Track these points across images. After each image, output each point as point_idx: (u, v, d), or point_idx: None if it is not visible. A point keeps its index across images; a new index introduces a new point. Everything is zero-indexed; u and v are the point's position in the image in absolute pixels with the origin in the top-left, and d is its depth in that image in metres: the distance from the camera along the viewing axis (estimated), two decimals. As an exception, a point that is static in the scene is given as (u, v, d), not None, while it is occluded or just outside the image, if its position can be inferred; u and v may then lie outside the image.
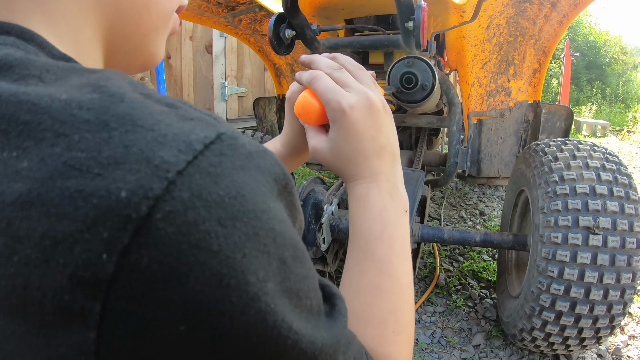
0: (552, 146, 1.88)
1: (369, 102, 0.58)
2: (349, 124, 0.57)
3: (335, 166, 0.61)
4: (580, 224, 1.59)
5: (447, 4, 1.84)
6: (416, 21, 1.31)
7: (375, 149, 0.59)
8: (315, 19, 2.10)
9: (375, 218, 0.58)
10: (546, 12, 2.24)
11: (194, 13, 2.22)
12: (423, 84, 1.51)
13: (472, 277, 2.64)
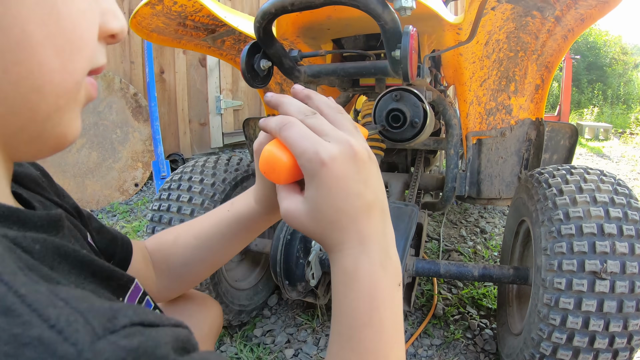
0: (556, 177, 1.69)
1: (352, 151, 0.51)
2: (331, 179, 0.50)
3: (316, 232, 0.54)
4: (587, 269, 1.42)
5: (441, 22, 1.65)
6: (403, 51, 1.12)
7: (363, 207, 0.52)
8: (300, 40, 1.91)
9: (363, 298, 0.51)
10: (549, 26, 2.03)
11: (171, 38, 2.03)
12: (413, 120, 1.31)
13: (472, 305, 2.44)
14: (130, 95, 4.33)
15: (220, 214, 0.84)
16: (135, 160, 4.35)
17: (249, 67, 1.33)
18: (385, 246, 0.54)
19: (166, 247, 0.86)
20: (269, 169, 0.54)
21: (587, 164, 6.58)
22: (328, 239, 0.53)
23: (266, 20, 1.19)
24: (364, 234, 0.52)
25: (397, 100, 1.31)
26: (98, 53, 0.46)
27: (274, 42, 1.31)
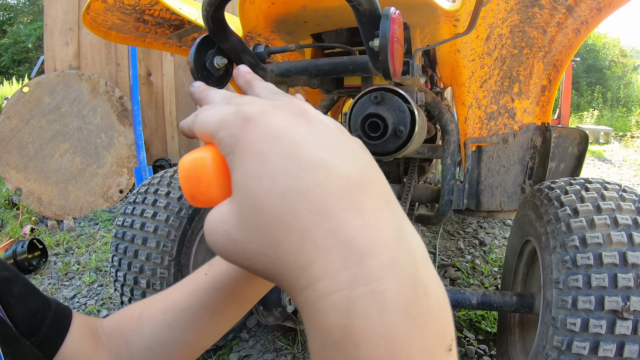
0: (570, 193, 1.42)
1: (300, 107, 0.31)
2: (264, 137, 0.28)
3: (255, 253, 0.28)
4: (606, 307, 1.16)
5: (435, 10, 1.38)
6: (382, 39, 0.84)
7: (340, 186, 0.27)
8: (276, 36, 1.64)
9: None
10: (560, 18, 1.75)
11: (133, 36, 1.75)
12: (397, 129, 1.02)
13: (469, 328, 2.17)
14: (116, 98, 4.07)
15: (196, 279, 0.61)
16: (120, 165, 4.08)
17: (199, 66, 1.06)
18: (412, 269, 0.26)
19: (127, 325, 0.64)
20: (192, 184, 0.34)
21: (589, 169, 6.33)
22: (281, 266, 0.27)
23: (213, 6, 0.93)
24: (357, 244, 0.25)
25: (377, 102, 1.03)
26: None
27: (228, 35, 1.04)
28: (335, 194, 0.27)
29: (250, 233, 0.28)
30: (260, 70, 1.17)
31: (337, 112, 2.43)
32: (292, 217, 0.27)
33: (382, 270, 0.25)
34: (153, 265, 1.73)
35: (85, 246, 3.35)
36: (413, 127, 1.02)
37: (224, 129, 0.31)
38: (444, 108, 1.82)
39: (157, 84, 4.54)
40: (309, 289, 0.26)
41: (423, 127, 1.24)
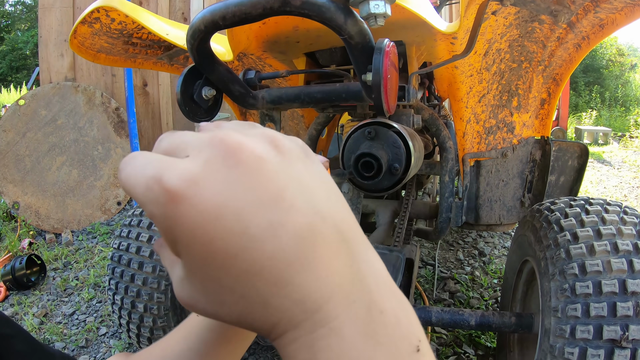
0: (570, 216, 1.38)
1: (226, 149, 0.27)
2: (203, 222, 0.26)
3: (230, 319, 0.29)
4: (605, 336, 1.13)
5: (431, 29, 1.34)
6: (374, 75, 0.80)
7: (291, 248, 0.27)
8: (269, 55, 1.60)
9: None
10: (560, 33, 1.71)
11: (122, 58, 1.70)
12: (391, 166, 0.98)
13: (469, 343, 2.13)
14: (112, 109, 4.03)
15: (189, 322, 0.58)
16: (117, 177, 4.04)
17: (186, 98, 1.02)
18: (366, 297, 0.29)
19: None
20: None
21: (588, 172, 6.28)
22: (254, 327, 0.29)
23: (197, 39, 0.88)
24: (312, 297, 0.28)
25: (372, 138, 0.98)
26: None
27: (215, 65, 1.00)
28: (286, 261, 0.27)
29: (220, 309, 0.29)
30: (250, 98, 1.12)
31: (334, 127, 2.38)
32: (251, 292, 0.28)
33: (336, 309, 0.28)
34: (150, 290, 1.70)
35: (84, 261, 3.30)
36: (409, 163, 0.97)
37: (152, 204, 0.27)
38: (441, 125, 1.77)
39: (153, 94, 4.50)
40: (279, 339, 0.29)
41: (420, 158, 1.19)
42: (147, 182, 0.27)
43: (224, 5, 0.79)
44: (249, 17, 0.78)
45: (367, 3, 0.72)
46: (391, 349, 0.28)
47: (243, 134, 0.30)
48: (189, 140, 0.30)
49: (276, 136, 0.31)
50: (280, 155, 0.30)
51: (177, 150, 0.30)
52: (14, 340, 0.59)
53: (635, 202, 4.74)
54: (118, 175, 0.31)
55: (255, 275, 0.27)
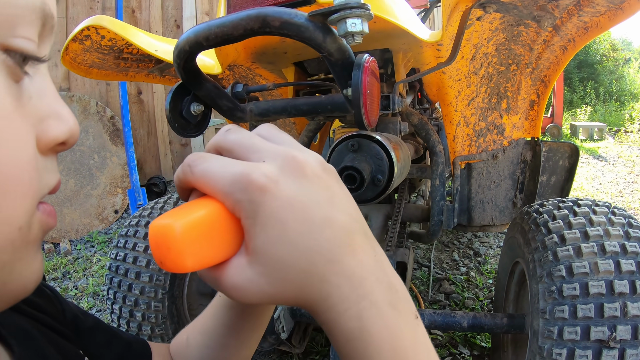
0: (557, 219, 1.40)
1: (297, 164, 0.37)
2: (281, 209, 0.35)
3: (288, 298, 0.37)
4: (592, 337, 1.15)
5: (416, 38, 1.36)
6: (354, 91, 0.82)
7: (340, 237, 0.37)
8: (258, 65, 1.61)
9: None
10: (546, 36, 1.73)
11: (114, 72, 1.72)
12: (374, 177, 1.00)
13: (464, 344, 2.15)
14: (107, 118, 4.05)
15: (215, 301, 0.68)
16: (114, 186, 4.06)
17: (175, 115, 1.04)
18: (386, 279, 0.39)
19: (181, 349, 0.71)
20: (162, 252, 0.34)
21: (584, 168, 6.30)
22: (308, 301, 0.37)
23: (183, 59, 0.90)
24: (356, 275, 0.37)
25: (355, 150, 1.00)
26: (45, 173, 0.36)
27: (203, 82, 1.01)
28: (338, 244, 0.36)
29: (281, 286, 0.36)
30: (238, 112, 1.14)
31: (326, 133, 2.40)
32: (312, 268, 0.36)
33: (372, 286, 0.37)
34: (147, 299, 1.72)
35: (82, 270, 3.32)
36: (392, 174, 0.99)
37: (240, 192, 0.35)
38: (431, 129, 1.79)
39: (148, 102, 4.52)
40: (329, 311, 0.37)
41: (405, 167, 1.21)
42: (234, 177, 0.35)
43: (207, 27, 0.81)
44: (230, 37, 0.80)
45: (344, 22, 0.74)
46: (406, 316, 0.39)
47: (306, 153, 0.39)
48: (264, 148, 0.38)
49: (323, 160, 0.40)
50: (326, 173, 0.39)
51: (248, 152, 0.38)
52: (95, 332, 0.62)
53: (630, 197, 4.76)
54: (188, 170, 0.37)
55: (317, 253, 0.36)
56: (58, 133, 0.37)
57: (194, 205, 0.36)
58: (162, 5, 4.65)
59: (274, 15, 0.75)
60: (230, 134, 0.40)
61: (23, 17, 0.33)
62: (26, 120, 0.33)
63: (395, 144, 1.13)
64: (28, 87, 0.34)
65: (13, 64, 0.32)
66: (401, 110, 1.72)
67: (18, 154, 0.32)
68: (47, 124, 0.36)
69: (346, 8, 0.73)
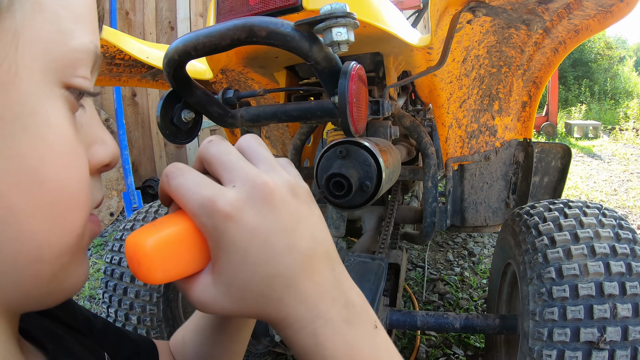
0: (548, 221, 1.40)
1: (264, 191, 0.39)
2: (243, 236, 0.38)
3: (249, 313, 0.42)
4: (582, 339, 1.15)
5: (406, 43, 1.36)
6: (340, 99, 0.82)
7: (299, 263, 0.40)
8: (250, 70, 1.62)
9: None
10: (537, 38, 1.74)
11: (108, 77, 1.73)
12: (362, 183, 1.01)
13: (458, 344, 2.16)
14: (102, 121, 4.04)
15: (197, 313, 0.74)
16: (109, 188, 4.06)
17: (166, 122, 1.04)
18: (343, 297, 0.43)
19: (179, 348, 0.75)
20: (134, 266, 0.38)
21: (579, 166, 6.32)
22: (268, 318, 0.42)
23: (172, 67, 0.91)
24: (312, 298, 0.41)
25: (343, 157, 1.01)
26: (94, 190, 0.41)
27: (193, 89, 1.02)
28: (296, 271, 0.40)
29: (242, 305, 0.40)
30: (229, 118, 1.15)
31: (319, 134, 2.41)
32: (271, 292, 0.40)
33: (327, 306, 0.41)
34: (142, 302, 1.73)
35: (77, 272, 3.31)
36: (380, 179, 1.00)
37: (206, 218, 0.38)
38: (422, 132, 1.80)
39: (142, 104, 4.51)
40: (287, 329, 0.42)
41: (394, 172, 1.22)
42: (202, 200, 0.38)
43: (195, 37, 0.82)
44: (218, 47, 0.80)
45: (329, 31, 0.74)
46: (363, 328, 0.43)
47: (277, 178, 0.41)
48: (238, 168, 0.40)
49: (296, 185, 0.43)
50: (296, 199, 0.42)
51: (223, 170, 0.41)
52: (105, 333, 0.64)
53: (625, 195, 4.78)
54: (166, 182, 0.41)
55: (276, 278, 0.39)
56: (104, 156, 0.42)
57: (167, 221, 0.40)
58: (156, 7, 4.65)
59: (261, 25, 0.75)
60: (210, 146, 0.42)
61: (82, 59, 0.38)
62: (82, 146, 0.39)
63: (384, 150, 1.13)
64: (81, 117, 0.40)
65: (73, 98, 0.37)
66: (393, 113, 1.73)
67: (79, 174, 0.38)
68: (95, 148, 0.41)
69: (331, 17, 0.73)
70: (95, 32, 0.41)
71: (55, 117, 0.35)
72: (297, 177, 0.44)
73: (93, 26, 0.41)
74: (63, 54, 0.36)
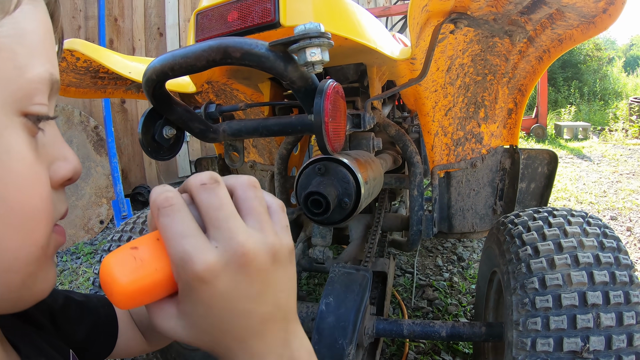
0: (532, 230, 1.41)
1: (243, 260, 0.41)
2: (211, 298, 0.41)
3: (204, 348, 0.45)
4: (565, 348, 1.15)
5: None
6: (316, 117, 0.82)
7: (254, 326, 0.44)
8: (234, 81, 1.62)
9: None
10: (521, 47, 1.74)
11: (92, 90, 1.73)
12: (342, 200, 1.01)
13: (447, 350, 2.16)
14: (91, 128, 4.02)
15: None
16: (99, 196, 4.04)
17: (148, 139, 1.04)
18: (288, 353, 0.47)
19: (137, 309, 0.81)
20: (107, 290, 0.41)
21: (568, 168, 6.34)
22: (216, 354, 0.46)
23: (151, 86, 0.91)
24: (258, 354, 0.45)
25: (322, 174, 1.01)
26: (57, 204, 0.45)
27: (174, 106, 1.02)
28: (250, 332, 0.44)
29: (198, 341, 0.44)
30: (211, 133, 1.14)
31: (306, 143, 2.41)
32: (223, 341, 0.44)
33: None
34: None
35: (69, 282, 3.30)
36: (358, 197, 1.00)
37: (182, 272, 0.40)
38: (408, 140, 1.80)
39: (131, 110, 4.50)
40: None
41: (376, 186, 1.22)
42: (183, 255, 0.39)
43: (172, 57, 0.82)
44: (194, 68, 0.80)
45: (303, 52, 0.74)
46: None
47: (260, 245, 0.42)
48: (225, 228, 0.41)
49: (279, 248, 0.44)
50: (274, 265, 0.44)
51: (210, 223, 0.42)
52: (67, 310, 0.68)
53: (614, 197, 4.79)
54: (156, 213, 0.42)
55: (230, 334, 0.43)
56: (65, 172, 0.46)
57: (145, 253, 0.42)
58: (144, 14, 4.64)
59: (235, 46, 0.75)
60: (202, 193, 0.43)
61: (39, 88, 0.42)
62: (42, 165, 0.43)
63: (364, 164, 1.13)
64: (42, 138, 0.44)
65: (31, 124, 0.41)
66: (377, 122, 1.73)
67: (40, 192, 0.42)
68: (57, 165, 0.46)
69: (305, 38, 0.73)
70: (51, 59, 0.45)
71: (15, 143, 0.39)
72: (283, 235, 0.46)
73: (48, 55, 0.44)
74: (20, 87, 0.40)
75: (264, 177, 2.30)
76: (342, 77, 1.59)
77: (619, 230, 3.74)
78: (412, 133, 2.70)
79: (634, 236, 3.56)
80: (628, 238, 3.53)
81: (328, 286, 1.39)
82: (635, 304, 1.20)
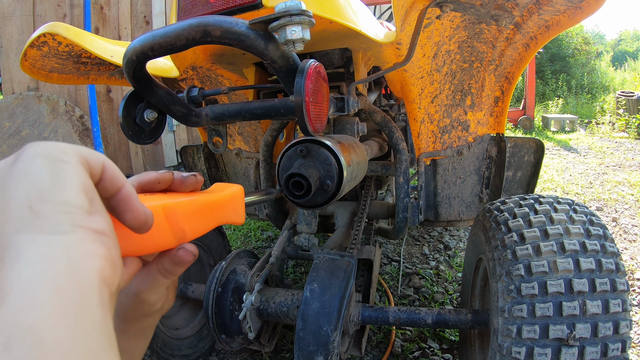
0: (517, 217, 1.41)
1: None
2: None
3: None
4: (551, 335, 1.15)
5: (373, 40, 1.35)
6: (296, 97, 0.81)
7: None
8: (218, 66, 1.60)
9: None
10: (508, 34, 1.74)
11: (75, 76, 1.70)
12: (324, 183, 1.00)
13: (434, 338, 2.16)
14: (77, 117, 3.98)
15: None
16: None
17: (129, 122, 1.03)
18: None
19: None
20: None
21: (555, 159, 6.38)
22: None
23: (132, 68, 0.89)
24: None
25: (304, 156, 1.00)
26: None
27: (155, 89, 1.00)
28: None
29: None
30: (193, 117, 1.13)
31: (292, 129, 2.39)
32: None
33: None
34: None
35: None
36: (341, 179, 0.99)
37: None
38: (394, 127, 1.79)
39: (117, 100, 4.44)
40: None
41: (359, 169, 1.21)
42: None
43: (151, 37, 0.80)
44: (174, 47, 0.79)
45: (284, 29, 0.73)
46: None
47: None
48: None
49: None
50: None
51: None
52: None
53: (600, 188, 4.83)
54: None
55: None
56: None
57: None
58: (131, 2, 4.58)
59: (215, 25, 0.74)
60: None
61: None
62: None
63: (348, 147, 1.12)
64: None
65: None
66: (363, 108, 1.72)
67: None
68: None
69: (286, 15, 0.72)
70: None
71: None
72: None
73: None
74: None
75: (249, 165, 2.29)
76: (328, 62, 1.57)
77: (605, 220, 3.77)
78: (399, 122, 2.69)
79: (620, 227, 3.59)
80: (614, 228, 3.56)
81: (312, 272, 1.38)
82: (621, 292, 1.20)
